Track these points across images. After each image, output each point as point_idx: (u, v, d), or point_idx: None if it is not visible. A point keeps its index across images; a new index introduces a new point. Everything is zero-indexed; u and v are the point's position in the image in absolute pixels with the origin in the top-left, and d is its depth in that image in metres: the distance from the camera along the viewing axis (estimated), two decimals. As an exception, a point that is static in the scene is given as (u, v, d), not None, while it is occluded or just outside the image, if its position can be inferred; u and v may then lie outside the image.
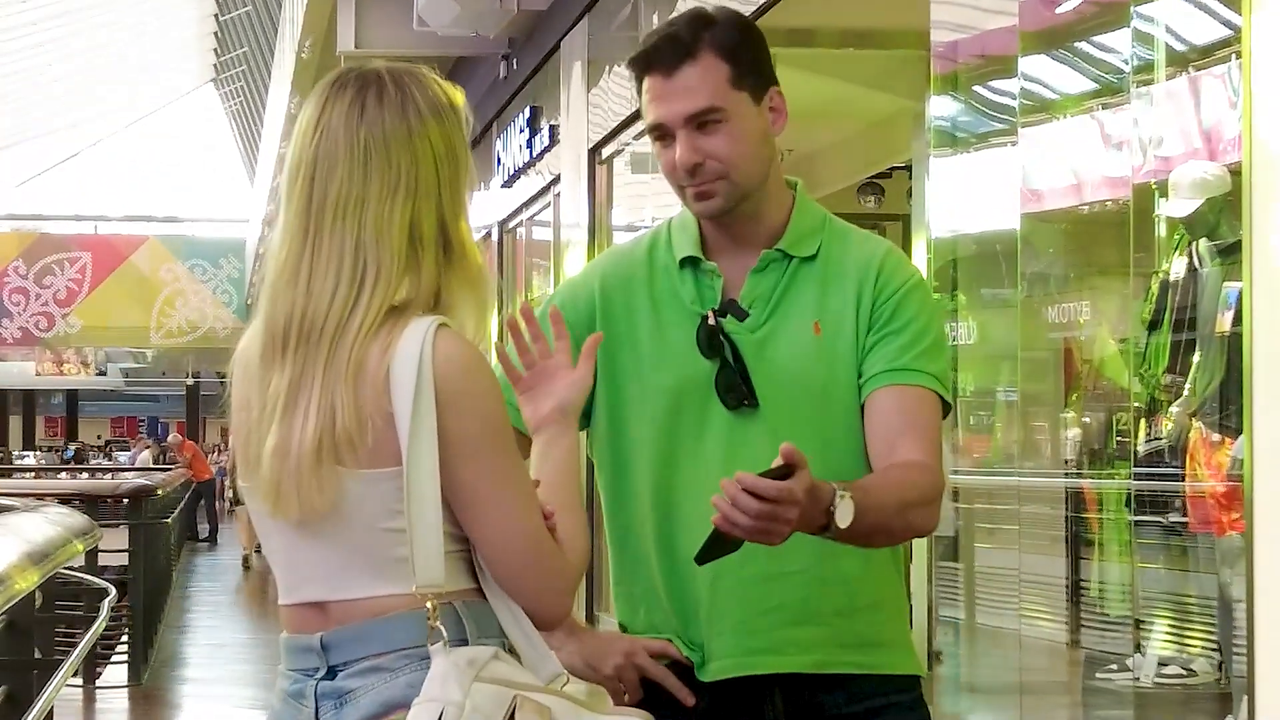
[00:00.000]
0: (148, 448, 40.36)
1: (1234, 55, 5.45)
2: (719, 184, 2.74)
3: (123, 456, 43.48)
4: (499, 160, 15.69)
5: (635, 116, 10.60)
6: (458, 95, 2.43)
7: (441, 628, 2.27)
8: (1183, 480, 6.14)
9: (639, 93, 2.81)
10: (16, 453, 47.11)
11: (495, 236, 16.41)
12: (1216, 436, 5.95)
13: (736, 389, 2.73)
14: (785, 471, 2.38)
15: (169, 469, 25.15)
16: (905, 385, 2.71)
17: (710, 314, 2.75)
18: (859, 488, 2.53)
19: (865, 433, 2.73)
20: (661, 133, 2.76)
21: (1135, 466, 6.29)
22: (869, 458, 2.73)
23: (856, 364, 2.75)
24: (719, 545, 2.46)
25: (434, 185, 2.34)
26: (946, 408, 2.77)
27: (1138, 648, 6.26)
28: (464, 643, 2.29)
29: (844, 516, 2.48)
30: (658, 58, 2.75)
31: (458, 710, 2.22)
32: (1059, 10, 6.56)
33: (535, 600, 2.34)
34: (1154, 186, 6.17)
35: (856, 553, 2.75)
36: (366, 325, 2.29)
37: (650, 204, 11.41)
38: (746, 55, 2.76)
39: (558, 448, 2.47)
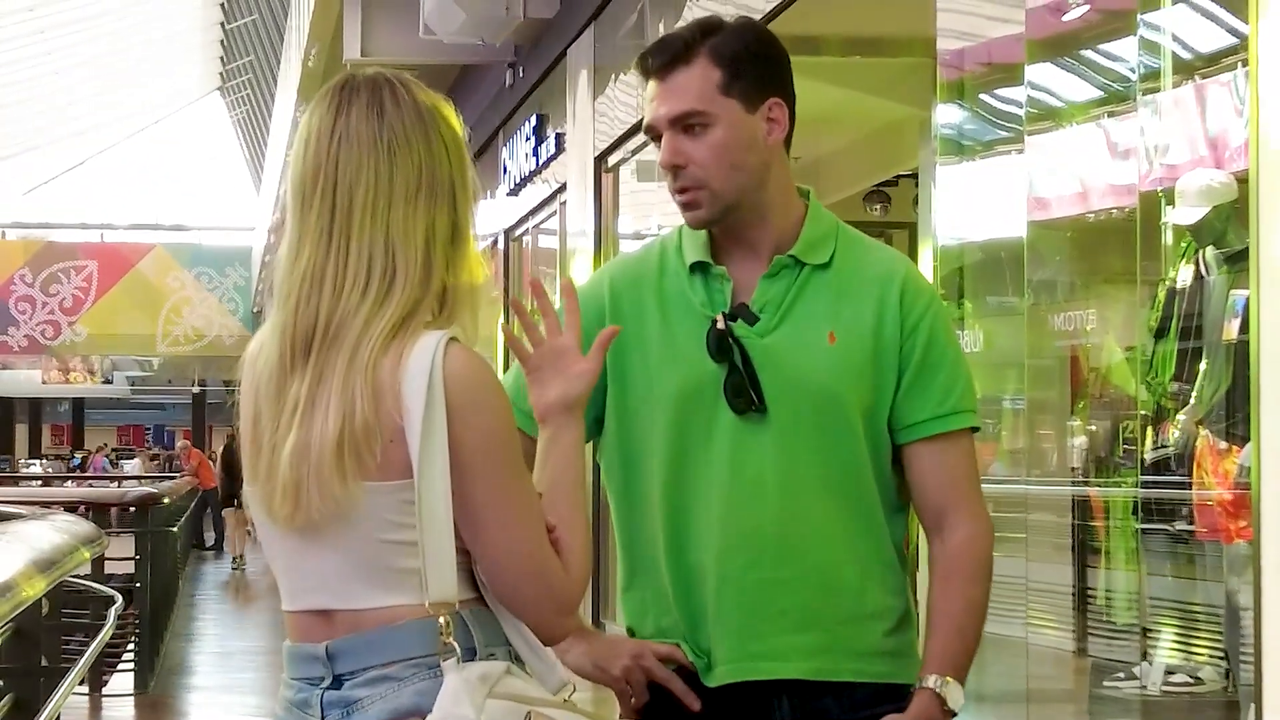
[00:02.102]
0: (147, 454, 40.34)
1: (1240, 63, 5.45)
2: (700, 193, 2.75)
3: (125, 466, 43.50)
4: (505, 168, 15.69)
5: (641, 124, 10.60)
6: (447, 102, 2.44)
7: (455, 644, 2.27)
8: (1190, 488, 6.13)
9: None
10: (23, 461, 47.14)
11: (501, 245, 16.41)
12: (1223, 444, 5.95)
13: (744, 393, 2.73)
14: None
15: (173, 477, 25.17)
16: (948, 434, 2.78)
17: (720, 317, 2.75)
18: (947, 650, 2.75)
19: (912, 485, 2.80)
20: (652, 134, 2.80)
21: (1142, 474, 6.28)
22: (917, 512, 2.82)
23: (869, 376, 2.76)
24: None
25: (449, 181, 2.35)
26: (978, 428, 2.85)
27: (1145, 656, 6.25)
28: (472, 651, 2.29)
29: (958, 698, 2.70)
30: (654, 60, 2.78)
31: (472, 728, 2.22)
32: (1066, 18, 6.56)
33: (535, 618, 2.33)
34: (1160, 194, 6.16)
35: (861, 561, 2.77)
36: (388, 329, 2.29)
37: (656, 212, 11.42)
38: (745, 63, 2.76)
39: (559, 445, 2.43)
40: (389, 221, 2.32)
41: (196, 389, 51.03)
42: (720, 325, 2.75)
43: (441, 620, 2.28)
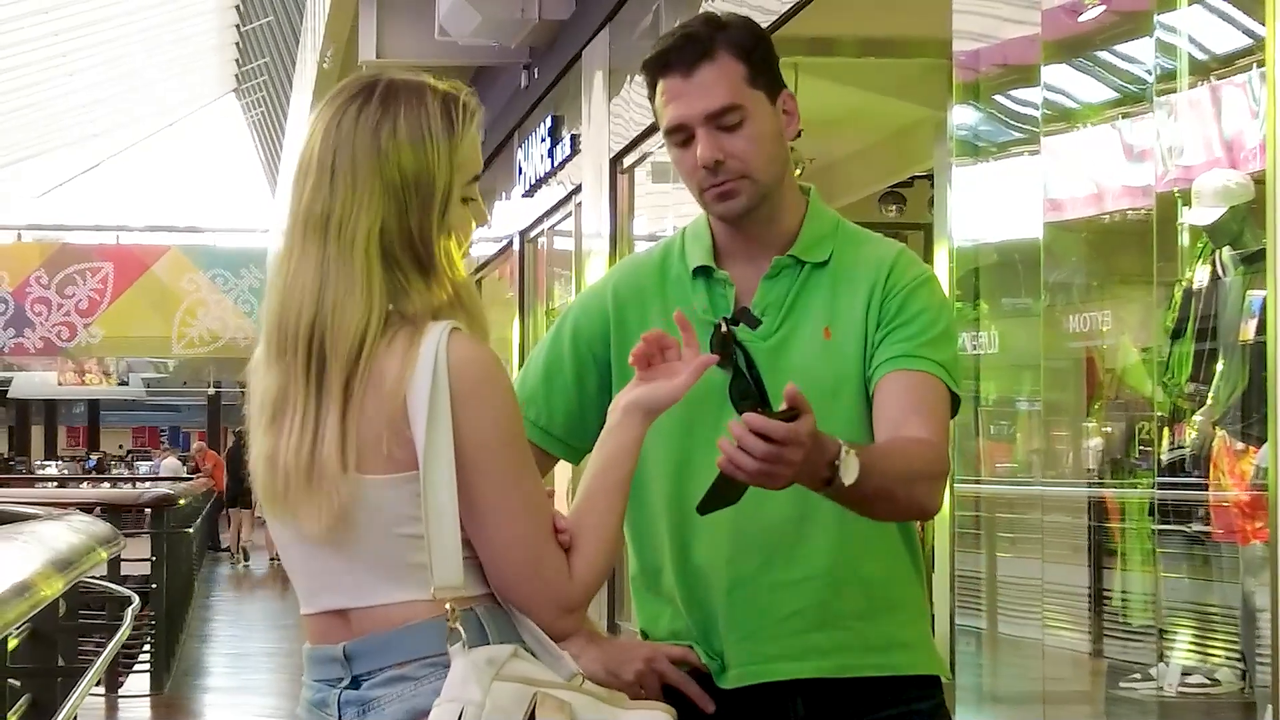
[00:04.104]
0: (169, 454, 40.38)
1: (1256, 64, 5.45)
2: (741, 183, 2.74)
3: (143, 467, 43.49)
4: (520, 170, 15.69)
5: (657, 126, 10.60)
6: (464, 118, 2.38)
7: (461, 629, 2.28)
8: (1206, 489, 6.12)
9: (651, 96, 2.81)
10: (38, 462, 47.18)
11: (516, 246, 16.42)
12: (1240, 445, 5.94)
13: (750, 396, 2.72)
14: (791, 415, 2.36)
15: (189, 478, 25.21)
16: (911, 370, 2.70)
17: (723, 322, 2.75)
18: (865, 448, 2.52)
19: (874, 417, 2.72)
20: (683, 133, 2.77)
21: (1158, 475, 6.28)
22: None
23: (864, 364, 2.75)
24: (721, 494, 2.43)
25: (402, 210, 2.32)
26: (956, 400, 2.76)
27: (1161, 657, 6.24)
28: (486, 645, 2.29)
29: (849, 472, 2.45)
30: (676, 57, 2.76)
31: (478, 709, 2.22)
32: (1081, 19, 6.55)
33: (534, 614, 2.34)
34: (1176, 195, 6.15)
35: (874, 554, 2.76)
36: (345, 347, 2.28)
37: (671, 213, 11.41)
38: (759, 57, 2.77)
39: (613, 442, 2.44)
40: (325, 236, 2.32)
41: (211, 390, 51.07)
42: (723, 330, 2.75)
43: (448, 606, 2.28)
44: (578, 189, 13.44)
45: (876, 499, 2.57)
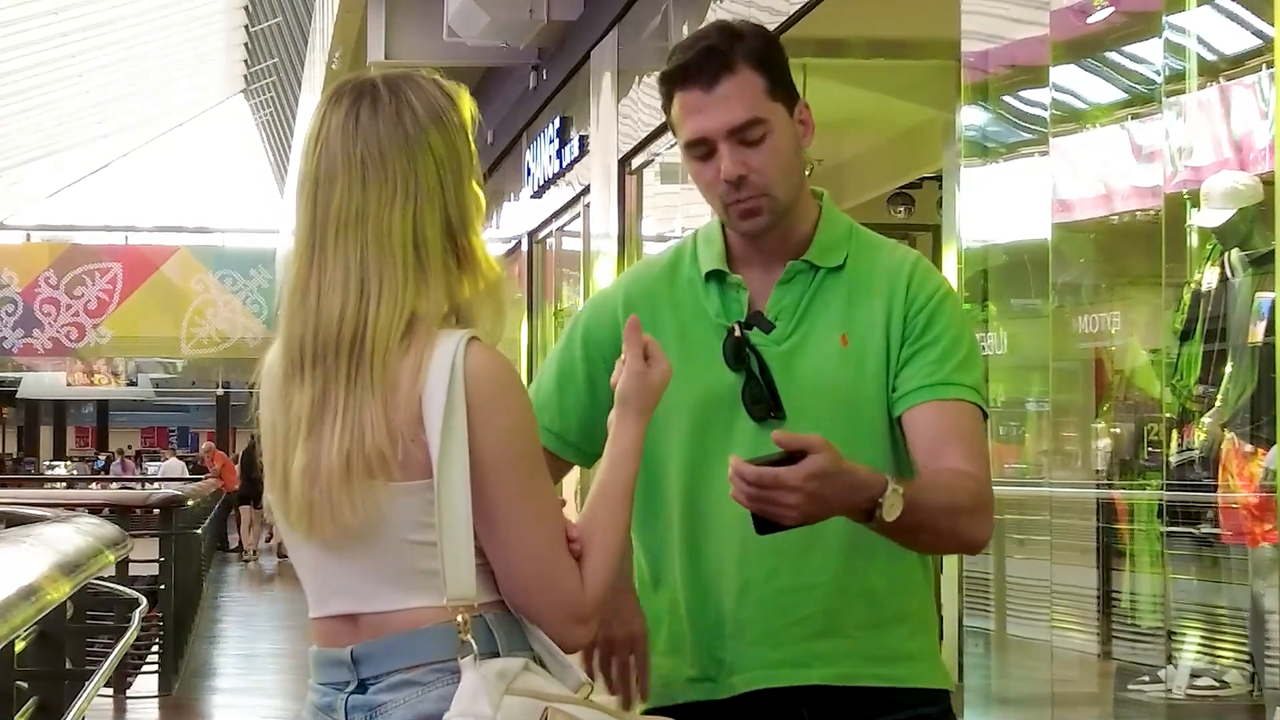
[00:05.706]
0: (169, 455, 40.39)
1: (1265, 65, 5.44)
2: (762, 200, 2.73)
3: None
4: (529, 170, 15.69)
5: (665, 127, 10.59)
6: (460, 95, 2.41)
7: (472, 641, 2.27)
8: (1215, 491, 6.11)
9: (667, 108, 2.79)
10: (47, 463, 47.22)
11: (525, 247, 16.42)
12: (1249, 447, 5.93)
13: (763, 400, 2.71)
14: (788, 457, 2.38)
15: (198, 478, 25.22)
16: (944, 400, 2.69)
17: (736, 326, 2.74)
18: (909, 483, 2.53)
19: (909, 447, 2.71)
20: (704, 147, 2.74)
21: (1167, 477, 6.27)
22: (914, 471, 2.70)
23: (884, 374, 2.73)
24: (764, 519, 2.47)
25: (437, 190, 2.33)
26: (985, 417, 2.76)
27: (1170, 659, 6.24)
28: (495, 655, 2.28)
29: (892, 509, 2.48)
30: (696, 70, 2.73)
31: (488, 725, 2.22)
32: (1090, 20, 6.55)
33: (546, 624, 2.33)
34: (1185, 196, 6.15)
35: (883, 565, 2.75)
36: (384, 339, 2.28)
37: (680, 214, 11.41)
38: (777, 68, 2.75)
39: (614, 448, 2.44)
40: (363, 234, 2.31)
41: (220, 391, 51.07)
42: (736, 334, 2.74)
43: (459, 618, 2.27)
44: (586, 190, 13.44)
45: (919, 533, 2.59)
